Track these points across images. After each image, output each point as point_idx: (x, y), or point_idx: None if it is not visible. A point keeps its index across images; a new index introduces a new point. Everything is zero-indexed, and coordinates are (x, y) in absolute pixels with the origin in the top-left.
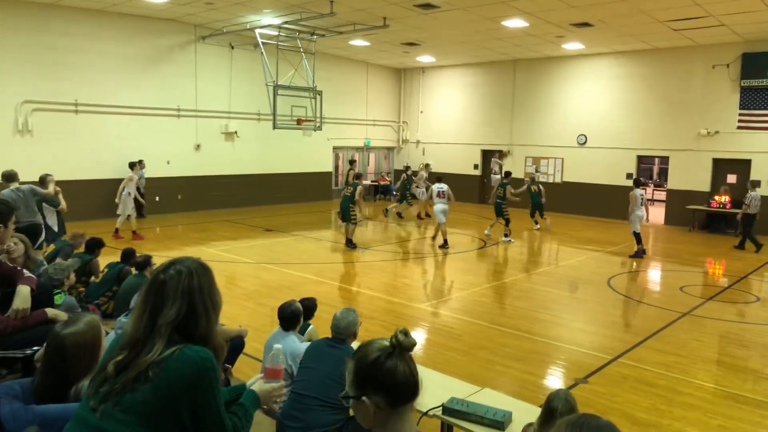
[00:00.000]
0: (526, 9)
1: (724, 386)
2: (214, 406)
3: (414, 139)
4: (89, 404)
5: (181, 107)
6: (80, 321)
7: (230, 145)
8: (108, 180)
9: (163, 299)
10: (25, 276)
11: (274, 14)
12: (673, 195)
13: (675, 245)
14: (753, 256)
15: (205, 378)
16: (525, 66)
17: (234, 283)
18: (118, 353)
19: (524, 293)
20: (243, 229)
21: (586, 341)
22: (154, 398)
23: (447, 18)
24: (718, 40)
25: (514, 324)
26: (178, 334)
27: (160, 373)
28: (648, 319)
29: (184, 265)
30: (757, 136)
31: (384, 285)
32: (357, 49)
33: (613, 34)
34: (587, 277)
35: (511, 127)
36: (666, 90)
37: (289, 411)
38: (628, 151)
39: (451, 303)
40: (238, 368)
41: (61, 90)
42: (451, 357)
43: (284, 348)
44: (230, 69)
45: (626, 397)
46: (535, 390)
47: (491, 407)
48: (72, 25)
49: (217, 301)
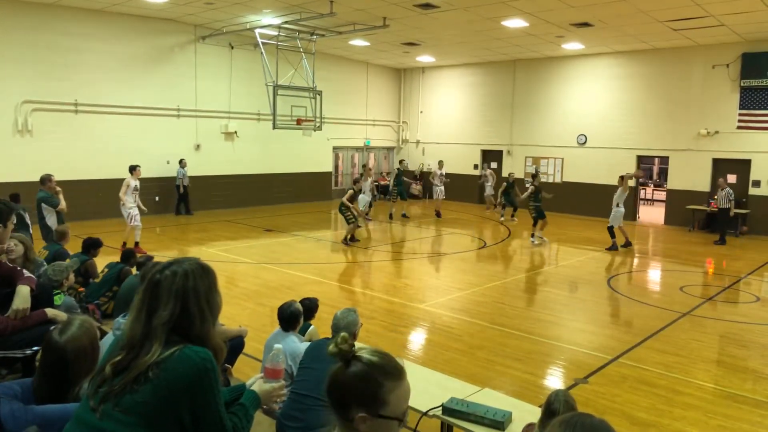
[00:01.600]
0: (525, 9)
1: (723, 386)
2: (214, 406)
3: (414, 139)
4: (89, 404)
5: (181, 107)
6: (74, 325)
7: (230, 145)
8: (107, 180)
9: (157, 300)
10: (24, 276)
11: (274, 14)
12: (673, 195)
13: (675, 245)
14: (754, 257)
15: (205, 378)
16: (525, 66)
17: (234, 283)
18: (117, 354)
19: (524, 293)
20: (243, 229)
21: (586, 341)
22: (154, 399)
23: (447, 18)
24: (718, 40)
25: (514, 324)
26: (176, 335)
27: (160, 373)
28: (648, 319)
29: (180, 266)
30: (757, 136)
31: (384, 285)
32: (357, 49)
33: (613, 34)
34: (587, 277)
35: (511, 127)
36: (666, 90)
37: (288, 411)
38: (628, 151)
39: (451, 303)
40: (238, 368)
41: (61, 90)
42: (451, 357)
43: (284, 348)
44: (230, 69)
45: (626, 397)
46: (535, 390)
47: (491, 407)
48: (72, 25)
49: (216, 303)
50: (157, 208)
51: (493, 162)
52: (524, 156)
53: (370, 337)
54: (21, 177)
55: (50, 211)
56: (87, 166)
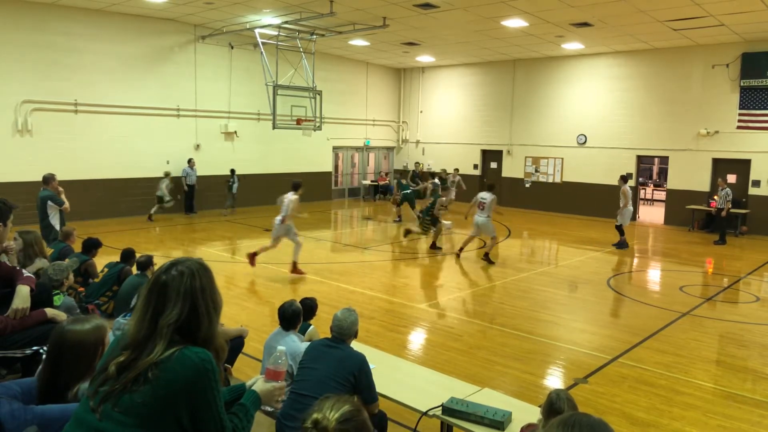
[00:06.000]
0: (525, 9)
1: (723, 386)
2: (213, 407)
3: (414, 139)
4: (89, 405)
5: (181, 107)
6: (88, 322)
7: (230, 144)
8: (107, 180)
9: (165, 300)
10: (24, 276)
11: (273, 14)
12: (673, 195)
13: (675, 245)
14: (753, 256)
15: (205, 379)
16: (524, 66)
17: (233, 283)
18: (120, 354)
19: (524, 293)
20: (242, 229)
21: (586, 341)
22: (153, 400)
23: (446, 18)
24: (718, 40)
25: (514, 324)
26: (179, 335)
27: (159, 374)
28: (648, 319)
29: (185, 266)
30: (757, 136)
31: (384, 285)
32: (357, 49)
33: (613, 33)
34: (587, 277)
35: (511, 127)
36: (666, 90)
37: (288, 411)
38: (627, 151)
39: (450, 303)
40: (238, 368)
41: (61, 90)
42: (451, 357)
43: (285, 348)
44: (230, 69)
45: (626, 397)
46: (535, 390)
47: (491, 407)
48: (71, 25)
49: (218, 302)
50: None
51: (493, 162)
52: (524, 156)
53: (370, 337)
54: (21, 177)
55: (55, 209)
56: (86, 166)
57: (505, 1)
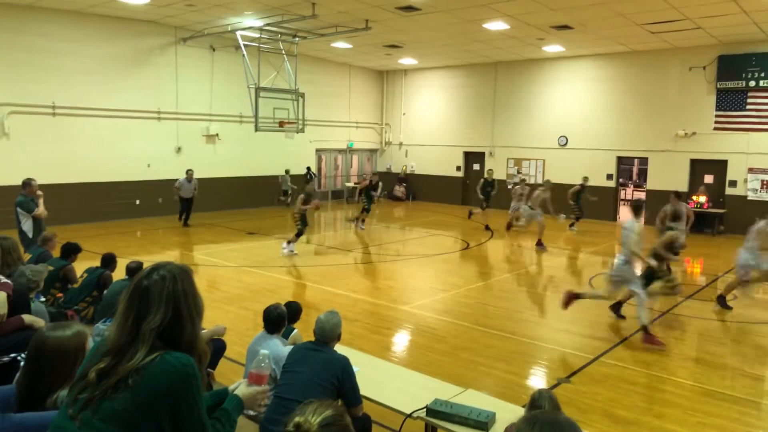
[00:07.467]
0: (506, 12)
1: (703, 383)
2: (195, 413)
3: (397, 141)
4: (68, 412)
5: (162, 110)
6: (69, 328)
7: (212, 147)
8: (86, 184)
9: (147, 305)
10: (0, 282)
11: (255, 16)
12: (653, 195)
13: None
14: (730, 255)
15: (187, 385)
16: (506, 68)
17: (215, 287)
18: (100, 360)
19: (507, 294)
20: (225, 232)
21: (569, 341)
22: (133, 406)
23: (428, 20)
24: (695, 42)
25: (497, 325)
26: (161, 341)
27: (139, 380)
28: (629, 318)
29: (167, 270)
30: (733, 137)
31: (367, 287)
32: (339, 51)
33: (593, 36)
34: (569, 277)
35: (493, 128)
36: (644, 92)
37: (272, 415)
38: (608, 152)
39: (434, 304)
40: (221, 372)
41: (38, 92)
42: (435, 358)
43: (268, 352)
44: (211, 71)
45: (608, 396)
46: (518, 390)
47: (475, 408)
48: (49, 27)
49: (201, 306)
50: (137, 211)
51: (475, 163)
52: (506, 157)
53: (354, 339)
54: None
55: (26, 216)
56: (65, 169)
57: (486, 4)
